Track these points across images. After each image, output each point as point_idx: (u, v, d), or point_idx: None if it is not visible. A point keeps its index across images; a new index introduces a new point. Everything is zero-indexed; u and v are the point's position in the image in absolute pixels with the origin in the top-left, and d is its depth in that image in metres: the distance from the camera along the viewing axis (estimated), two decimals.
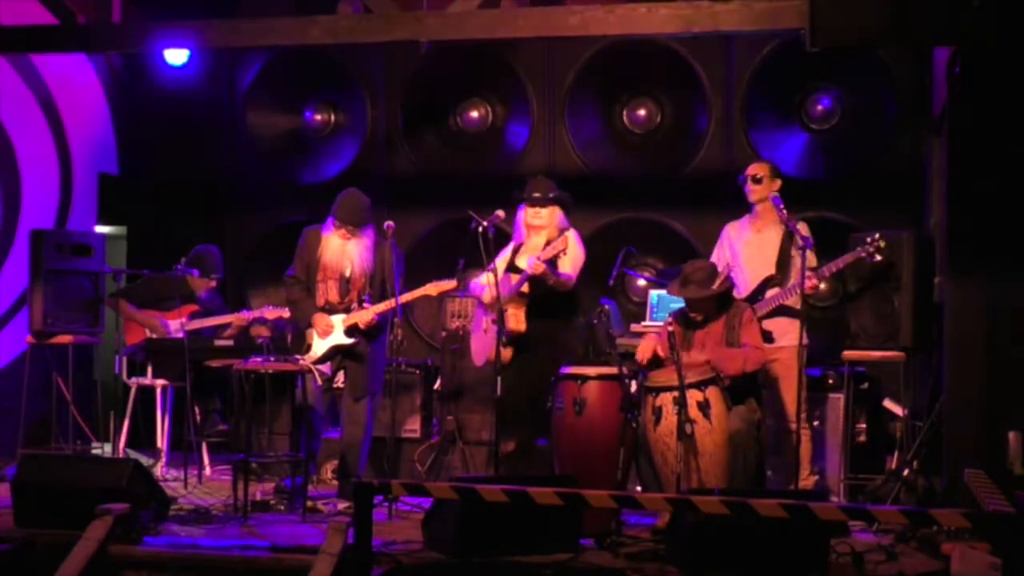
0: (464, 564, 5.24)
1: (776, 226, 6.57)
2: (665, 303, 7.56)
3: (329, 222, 6.76)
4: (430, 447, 7.60)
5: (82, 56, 8.88)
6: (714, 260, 6.79)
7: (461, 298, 7.73)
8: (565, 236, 6.44)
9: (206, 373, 7.47)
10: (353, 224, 6.70)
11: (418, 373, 7.81)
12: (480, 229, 6.50)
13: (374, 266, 6.74)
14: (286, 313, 7.38)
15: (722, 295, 6.16)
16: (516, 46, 8.57)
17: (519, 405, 6.43)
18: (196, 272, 7.87)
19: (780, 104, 8.39)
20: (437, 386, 7.74)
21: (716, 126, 8.45)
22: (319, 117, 9.29)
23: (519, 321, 6.50)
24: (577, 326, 6.65)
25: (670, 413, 5.70)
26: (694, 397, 5.72)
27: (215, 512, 6.23)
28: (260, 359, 6.54)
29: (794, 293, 6.41)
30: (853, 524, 5.54)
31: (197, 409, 7.62)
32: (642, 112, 8.72)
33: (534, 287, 6.47)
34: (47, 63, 8.58)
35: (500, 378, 6.32)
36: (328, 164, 9.14)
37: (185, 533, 5.77)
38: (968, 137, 6.09)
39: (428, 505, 5.62)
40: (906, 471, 6.39)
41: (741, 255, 6.72)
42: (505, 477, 6.20)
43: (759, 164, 6.80)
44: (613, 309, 7.37)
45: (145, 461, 6.54)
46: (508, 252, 6.82)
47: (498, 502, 4.94)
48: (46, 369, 7.79)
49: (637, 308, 8.31)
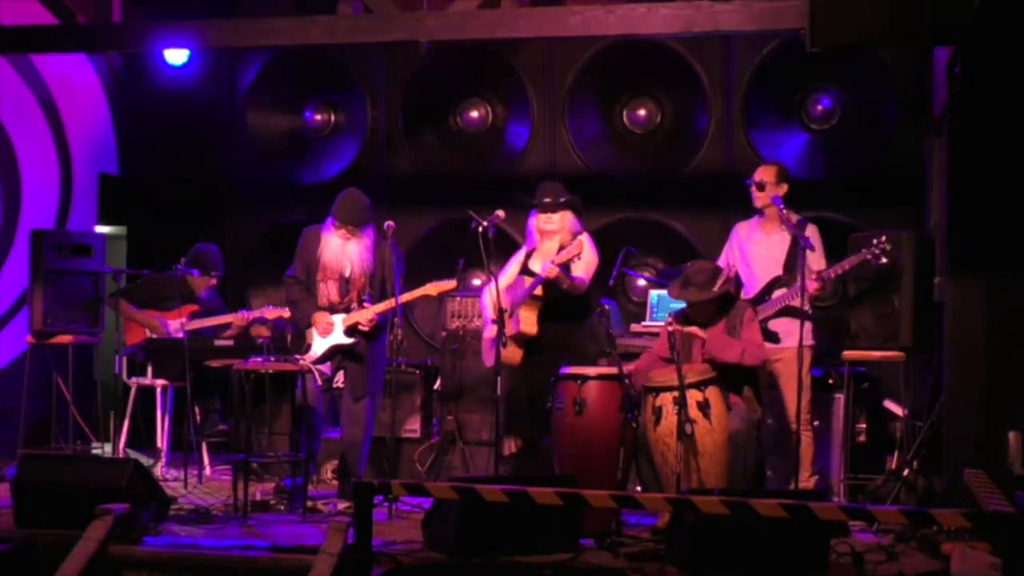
0: (464, 564, 5.24)
1: (787, 229, 6.55)
2: (665, 303, 7.56)
3: (329, 222, 6.76)
4: (430, 447, 7.60)
5: (82, 56, 8.88)
6: (723, 260, 6.80)
7: (461, 298, 7.73)
8: (579, 241, 6.42)
9: (206, 373, 7.47)
10: (353, 224, 6.70)
11: (418, 373, 7.80)
12: (480, 229, 6.50)
13: (374, 266, 6.74)
14: (286, 313, 7.39)
15: (723, 297, 6.16)
16: (516, 46, 8.57)
17: (529, 406, 6.42)
18: (196, 272, 7.87)
19: (780, 104, 8.39)
20: (437, 386, 7.73)
21: (716, 126, 8.45)
22: (319, 117, 9.28)
23: (530, 324, 6.49)
24: (589, 329, 6.64)
25: (670, 413, 5.70)
26: (694, 397, 5.72)
27: (215, 512, 6.23)
28: (260, 359, 6.54)
29: (805, 294, 6.40)
30: (853, 524, 5.54)
31: (197, 409, 7.61)
32: (642, 112, 8.72)
33: (548, 290, 6.46)
34: (47, 63, 8.58)
35: (500, 378, 6.32)
36: (328, 164, 9.14)
37: (185, 533, 5.77)
38: (968, 137, 6.08)
39: (428, 505, 5.62)
40: (906, 471, 6.39)
41: (750, 255, 6.71)
42: (505, 477, 6.22)
43: (765, 168, 6.73)
44: (613, 309, 7.38)
45: (145, 461, 6.53)
46: (521, 256, 6.82)
47: (498, 502, 4.94)
48: (46, 369, 7.79)
49: (637, 308, 8.31)
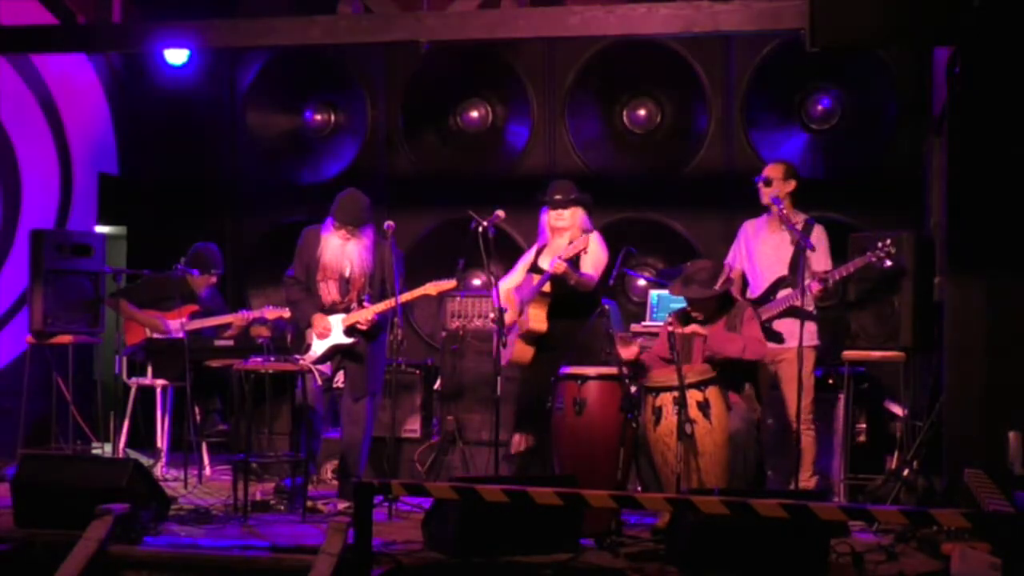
0: (464, 564, 5.24)
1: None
2: (665, 303, 7.56)
3: (328, 222, 6.76)
4: (430, 447, 7.60)
5: (82, 56, 8.88)
6: (731, 258, 6.81)
7: (461, 298, 7.74)
8: (586, 236, 6.45)
9: (206, 373, 7.48)
10: (352, 224, 6.70)
11: (418, 373, 7.80)
12: (480, 229, 6.51)
13: (374, 266, 6.74)
14: (286, 313, 7.39)
15: (723, 295, 6.16)
16: (516, 46, 8.57)
17: (538, 403, 6.40)
18: (196, 272, 7.87)
19: (780, 104, 8.39)
20: (437, 386, 7.73)
21: (716, 126, 8.45)
22: (319, 117, 9.28)
23: (540, 320, 6.50)
24: (602, 326, 6.63)
25: (670, 413, 5.70)
26: (694, 397, 5.72)
27: (215, 512, 6.23)
28: (260, 359, 6.54)
29: (808, 294, 6.40)
30: (853, 524, 5.53)
31: (197, 409, 7.62)
32: (642, 112, 8.72)
33: (556, 287, 6.47)
34: (47, 63, 8.58)
35: (500, 378, 6.32)
36: (328, 164, 9.14)
37: (185, 533, 5.77)
38: (968, 137, 6.08)
39: (428, 505, 5.62)
40: (906, 471, 6.38)
41: (756, 254, 6.71)
42: (505, 477, 6.22)
43: (774, 165, 6.75)
44: (613, 309, 7.37)
45: (145, 461, 6.53)
46: (532, 254, 6.83)
47: (498, 502, 4.94)
48: (46, 369, 7.79)
49: (637, 308, 8.31)
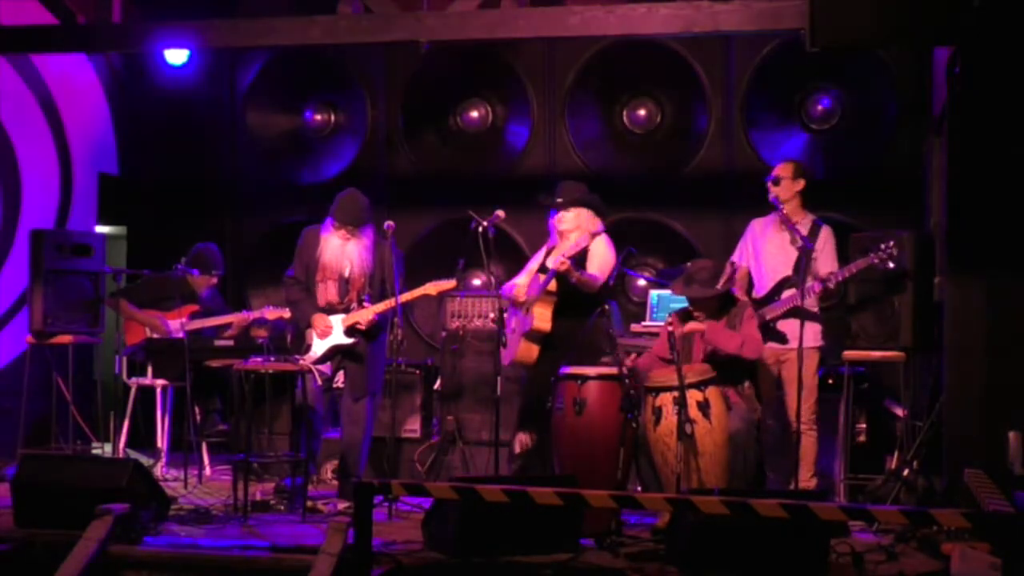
0: (464, 564, 5.24)
1: (801, 227, 6.53)
2: (665, 303, 7.56)
3: (328, 222, 6.76)
4: (430, 447, 7.59)
5: (82, 56, 8.88)
6: (737, 256, 6.80)
7: (461, 298, 7.74)
8: (587, 234, 6.45)
9: (206, 373, 7.48)
10: (352, 224, 6.70)
11: (418, 373, 7.80)
12: (480, 229, 6.51)
13: (373, 266, 6.74)
14: (286, 313, 7.39)
15: (725, 295, 6.16)
16: (516, 46, 8.57)
17: (540, 403, 6.39)
18: (196, 272, 7.87)
19: (780, 104, 8.39)
20: (437, 386, 7.73)
21: (716, 126, 8.45)
22: (319, 117, 9.28)
23: (544, 319, 6.50)
24: (603, 326, 6.63)
25: (670, 413, 5.71)
26: (694, 397, 5.72)
27: (215, 512, 6.23)
28: (260, 359, 6.54)
29: (811, 294, 6.40)
30: (853, 524, 5.53)
31: (197, 409, 7.61)
32: (642, 112, 8.72)
33: (561, 286, 6.47)
34: (47, 63, 8.58)
35: (500, 378, 6.33)
36: (328, 164, 9.13)
37: (185, 533, 5.77)
38: (968, 137, 6.08)
39: (428, 505, 5.62)
40: (906, 471, 6.38)
41: (763, 253, 6.70)
42: (505, 477, 6.22)
43: (784, 164, 6.74)
44: (613, 309, 7.36)
45: (145, 461, 6.53)
46: (541, 255, 6.83)
47: (498, 502, 4.94)
48: (46, 369, 7.78)
49: (637, 308, 8.31)
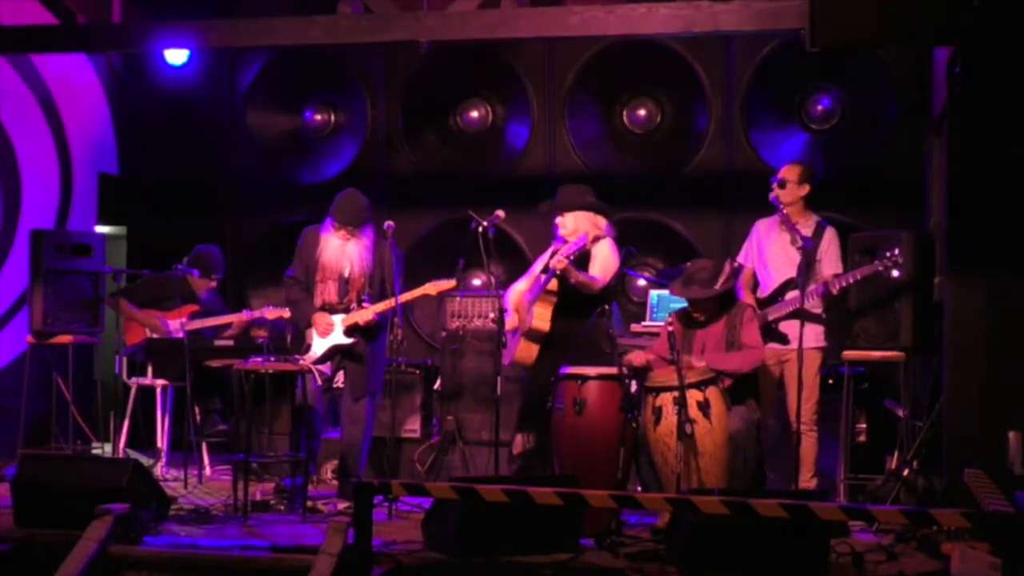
0: (464, 564, 5.24)
1: (804, 228, 6.54)
2: (665, 303, 7.55)
3: (328, 222, 6.76)
4: (430, 447, 7.59)
5: (82, 56, 8.88)
6: (742, 256, 6.80)
7: (461, 298, 7.73)
8: (586, 232, 6.45)
9: (206, 373, 7.48)
10: (352, 224, 6.70)
11: (418, 373, 7.80)
12: (480, 229, 6.51)
13: (373, 266, 6.74)
14: (286, 313, 7.39)
15: (724, 295, 6.16)
16: (516, 46, 8.57)
17: (540, 404, 6.39)
18: (196, 272, 7.87)
19: (780, 104, 8.38)
20: (437, 386, 7.73)
21: (716, 126, 8.45)
22: (319, 117, 9.28)
23: (544, 320, 6.50)
24: (603, 327, 6.63)
25: (670, 413, 5.71)
26: (694, 397, 5.72)
27: (215, 512, 6.23)
28: (260, 359, 6.54)
29: (813, 297, 6.40)
30: (853, 524, 5.54)
31: (197, 409, 7.62)
32: (642, 112, 8.71)
33: (562, 286, 6.47)
34: (47, 63, 8.58)
35: (500, 378, 6.33)
36: (328, 164, 9.13)
37: (185, 533, 5.77)
38: (968, 137, 6.08)
39: (428, 505, 5.62)
40: (906, 471, 6.38)
41: (767, 254, 6.69)
42: (505, 477, 6.22)
43: (790, 167, 6.72)
44: (613, 309, 7.36)
45: (145, 461, 6.53)
46: (546, 257, 6.83)
47: (498, 502, 4.94)
48: (46, 369, 7.78)
49: (637, 308, 8.31)
